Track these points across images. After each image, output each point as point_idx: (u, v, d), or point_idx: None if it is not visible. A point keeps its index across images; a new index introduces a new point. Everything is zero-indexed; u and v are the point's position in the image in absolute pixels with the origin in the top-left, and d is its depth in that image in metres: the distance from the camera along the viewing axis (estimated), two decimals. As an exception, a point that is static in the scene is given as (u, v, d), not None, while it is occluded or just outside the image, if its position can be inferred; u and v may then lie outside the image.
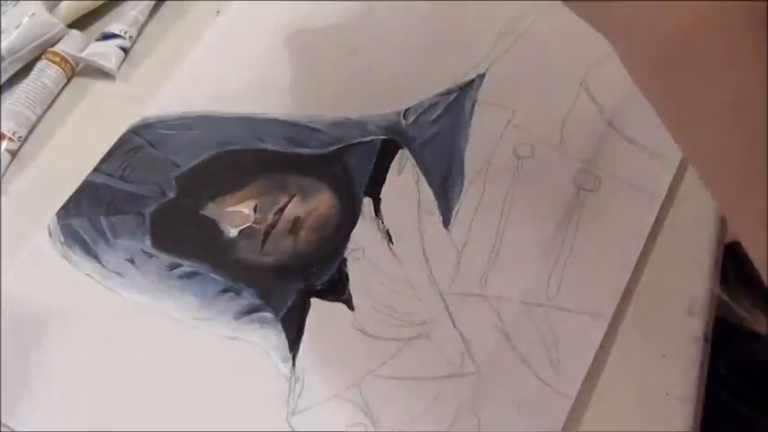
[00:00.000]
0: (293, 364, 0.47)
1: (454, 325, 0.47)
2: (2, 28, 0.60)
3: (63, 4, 0.64)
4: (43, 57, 0.62)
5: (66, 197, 0.55)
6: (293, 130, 0.56)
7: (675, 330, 0.45)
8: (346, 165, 0.54)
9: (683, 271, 0.47)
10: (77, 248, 0.53)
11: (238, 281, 0.50)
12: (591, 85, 0.54)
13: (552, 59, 0.56)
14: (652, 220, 0.48)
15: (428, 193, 0.52)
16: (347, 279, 0.49)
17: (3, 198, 0.56)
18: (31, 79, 0.60)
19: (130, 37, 0.63)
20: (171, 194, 0.55)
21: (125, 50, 0.63)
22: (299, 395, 0.46)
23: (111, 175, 0.56)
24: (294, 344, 0.47)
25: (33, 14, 0.62)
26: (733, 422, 0.66)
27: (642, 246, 0.47)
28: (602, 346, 0.45)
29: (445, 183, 0.52)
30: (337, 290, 0.49)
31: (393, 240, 0.50)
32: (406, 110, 0.56)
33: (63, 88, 0.62)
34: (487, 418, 0.43)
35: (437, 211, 0.51)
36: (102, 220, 0.54)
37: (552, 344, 0.45)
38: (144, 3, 0.65)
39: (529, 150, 0.52)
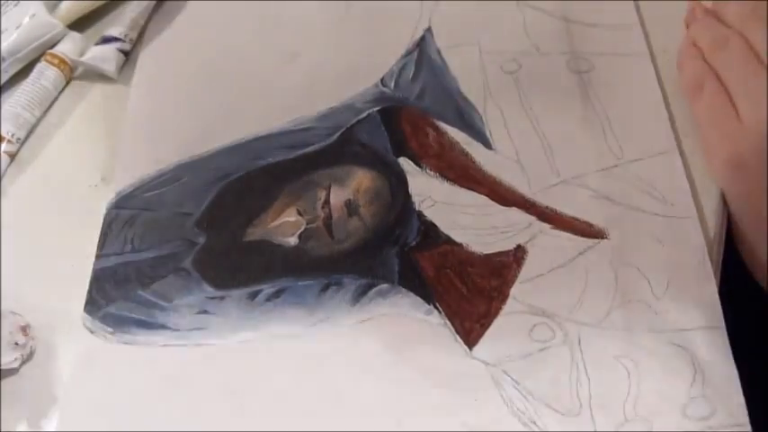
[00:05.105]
0: (440, 311, 0.46)
1: (557, 212, 0.49)
2: (2, 28, 0.59)
3: (63, 5, 0.62)
4: (42, 58, 0.60)
5: (63, 201, 0.54)
6: (285, 138, 0.55)
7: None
8: (360, 141, 0.54)
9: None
10: (135, 329, 0.48)
11: (332, 274, 0.48)
12: (526, -1, 0.59)
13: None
14: (653, 70, 0.54)
15: (454, 132, 0.53)
16: (435, 225, 0.49)
17: (2, 200, 0.55)
18: (30, 81, 0.59)
19: (131, 40, 0.62)
20: (201, 240, 0.51)
21: (125, 54, 0.61)
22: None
23: (120, 253, 0.52)
24: (428, 296, 0.47)
25: (34, 15, 0.60)
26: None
27: (660, 88, 0.53)
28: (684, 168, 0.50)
29: (462, 117, 0.54)
30: (432, 237, 0.49)
31: (450, 178, 0.51)
32: (381, 79, 0.57)
33: (62, 90, 0.61)
34: (643, 262, 0.46)
35: (473, 141, 0.53)
36: (143, 293, 0.50)
37: (649, 187, 0.49)
38: (144, 5, 0.63)
39: (515, 65, 0.56)
